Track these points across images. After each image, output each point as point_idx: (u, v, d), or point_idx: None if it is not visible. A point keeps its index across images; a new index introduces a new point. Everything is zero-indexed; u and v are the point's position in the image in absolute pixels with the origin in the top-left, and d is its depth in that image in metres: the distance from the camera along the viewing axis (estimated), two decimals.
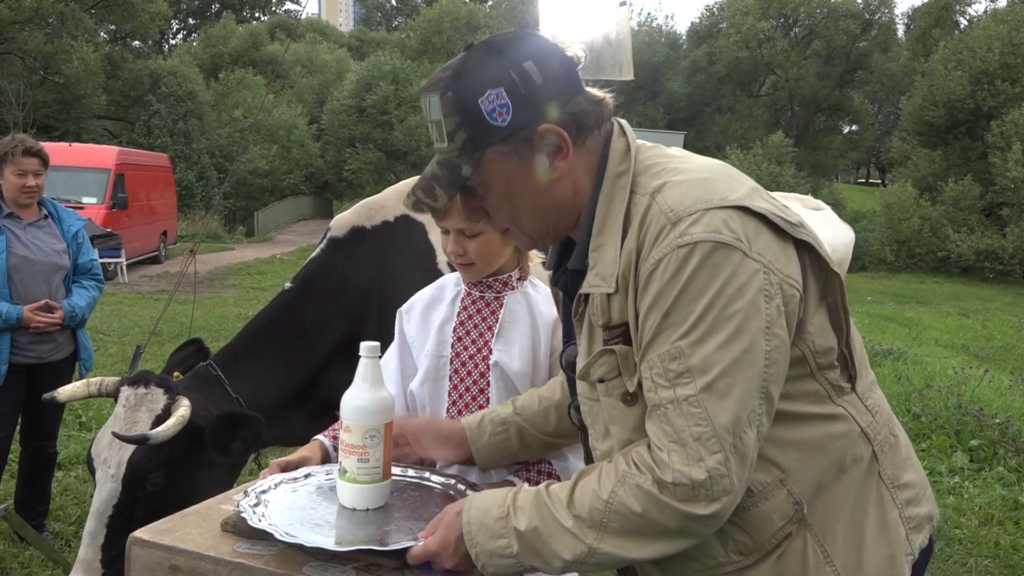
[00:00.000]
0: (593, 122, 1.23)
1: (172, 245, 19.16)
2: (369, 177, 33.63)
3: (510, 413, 1.59)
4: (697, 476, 1.08)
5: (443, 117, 1.19)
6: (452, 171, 1.21)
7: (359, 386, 1.41)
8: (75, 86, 27.51)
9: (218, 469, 2.34)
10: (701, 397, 1.09)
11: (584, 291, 1.23)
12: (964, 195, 24.17)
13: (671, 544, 1.14)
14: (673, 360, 1.11)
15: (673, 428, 1.10)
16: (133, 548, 1.33)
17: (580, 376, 1.27)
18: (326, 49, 42.09)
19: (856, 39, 42.40)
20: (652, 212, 1.16)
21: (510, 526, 1.19)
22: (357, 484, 1.40)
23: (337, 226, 2.60)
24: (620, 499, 1.13)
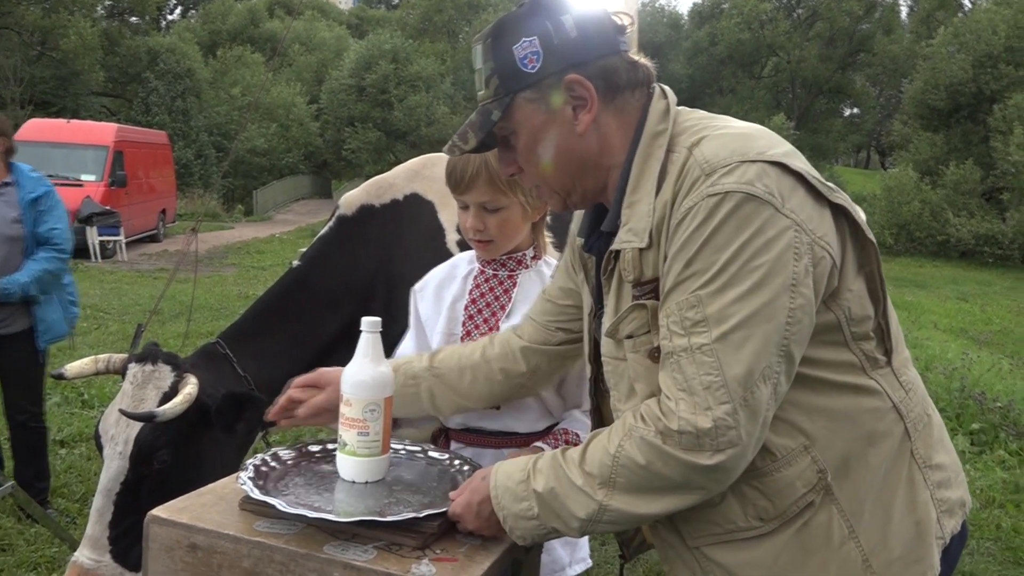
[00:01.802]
0: (625, 82, 1.24)
1: (171, 223, 19.10)
2: (368, 157, 33.50)
3: (424, 368, 1.59)
4: (702, 425, 1.08)
5: (483, 64, 1.25)
6: (484, 116, 1.26)
7: (360, 360, 1.42)
8: (72, 62, 27.28)
9: (226, 447, 2.34)
10: (715, 347, 1.09)
11: (615, 247, 1.23)
12: (965, 179, 24.09)
13: (678, 499, 1.14)
14: (691, 308, 1.11)
15: (684, 376, 1.11)
16: (152, 526, 1.32)
17: (608, 333, 1.27)
18: (325, 27, 41.74)
19: (859, 21, 42.09)
20: (688, 164, 1.17)
21: (530, 488, 1.22)
22: (357, 457, 1.42)
23: (346, 204, 2.58)
24: (626, 452, 1.14)
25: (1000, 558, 3.71)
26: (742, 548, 1.20)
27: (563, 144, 1.25)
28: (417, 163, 2.60)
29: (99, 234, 13.97)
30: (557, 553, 1.73)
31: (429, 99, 33.66)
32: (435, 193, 2.49)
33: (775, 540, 1.19)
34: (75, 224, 13.85)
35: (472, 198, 1.66)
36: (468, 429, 1.73)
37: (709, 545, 1.23)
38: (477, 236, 1.70)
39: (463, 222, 1.72)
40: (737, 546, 1.21)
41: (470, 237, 1.72)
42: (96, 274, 12.09)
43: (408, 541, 1.27)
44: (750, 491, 1.18)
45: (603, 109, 1.24)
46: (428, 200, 2.50)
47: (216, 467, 2.27)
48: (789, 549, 1.18)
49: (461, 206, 1.71)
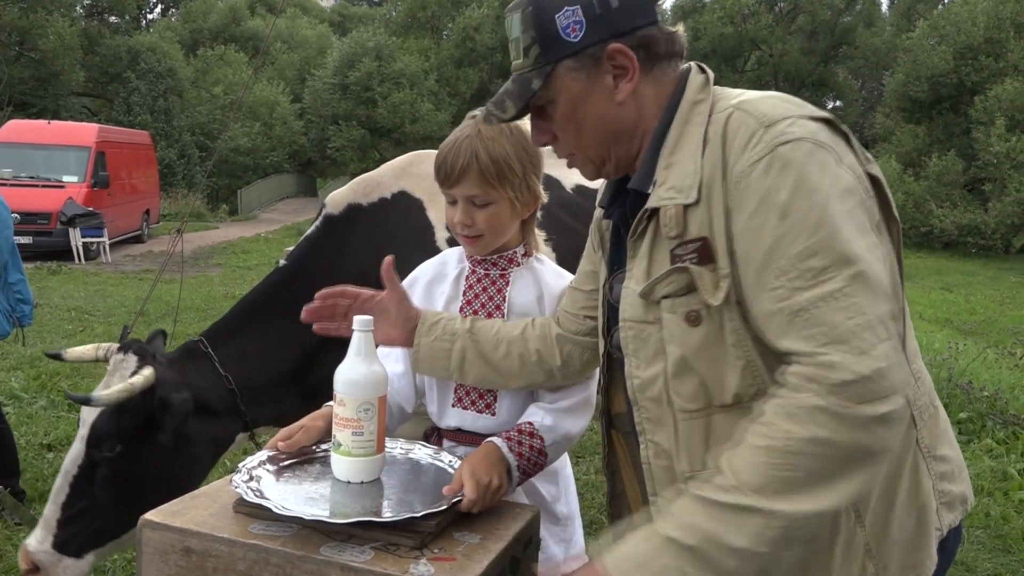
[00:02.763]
0: (664, 52, 1.25)
1: (155, 224, 18.95)
2: (353, 154, 33.37)
3: (465, 329, 1.57)
4: (866, 369, 1.01)
5: (522, 33, 1.24)
6: (523, 86, 1.25)
7: (353, 360, 1.41)
8: (52, 62, 27.00)
9: (191, 447, 2.34)
10: (852, 287, 1.04)
11: (653, 204, 1.20)
12: (947, 170, 24.29)
13: (853, 478, 1.02)
14: (811, 257, 1.05)
15: (828, 326, 1.03)
16: (144, 531, 1.31)
17: (642, 294, 1.21)
18: (307, 24, 41.51)
19: (840, 14, 42.30)
20: (735, 119, 1.16)
21: (660, 538, 1.08)
22: (351, 457, 1.41)
23: (332, 203, 2.56)
24: (794, 434, 1.02)
25: (990, 546, 3.74)
26: None
27: (602, 113, 1.25)
28: (404, 160, 2.59)
29: (82, 236, 13.85)
30: (551, 550, 1.72)
31: (413, 96, 33.54)
32: (423, 190, 2.48)
33: None
34: (58, 226, 13.75)
35: (461, 191, 1.63)
36: (460, 430, 1.71)
37: None
38: (465, 231, 1.67)
39: (450, 217, 1.69)
40: None
41: (458, 232, 1.69)
42: (80, 276, 11.98)
43: (405, 541, 1.26)
44: None
45: (643, 78, 1.24)
46: (416, 198, 2.48)
47: (178, 466, 2.29)
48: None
49: (449, 200, 1.68)
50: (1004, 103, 23.04)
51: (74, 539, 2.22)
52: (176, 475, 2.28)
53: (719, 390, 1.17)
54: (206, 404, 2.36)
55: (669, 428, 1.23)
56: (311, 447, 1.56)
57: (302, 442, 1.54)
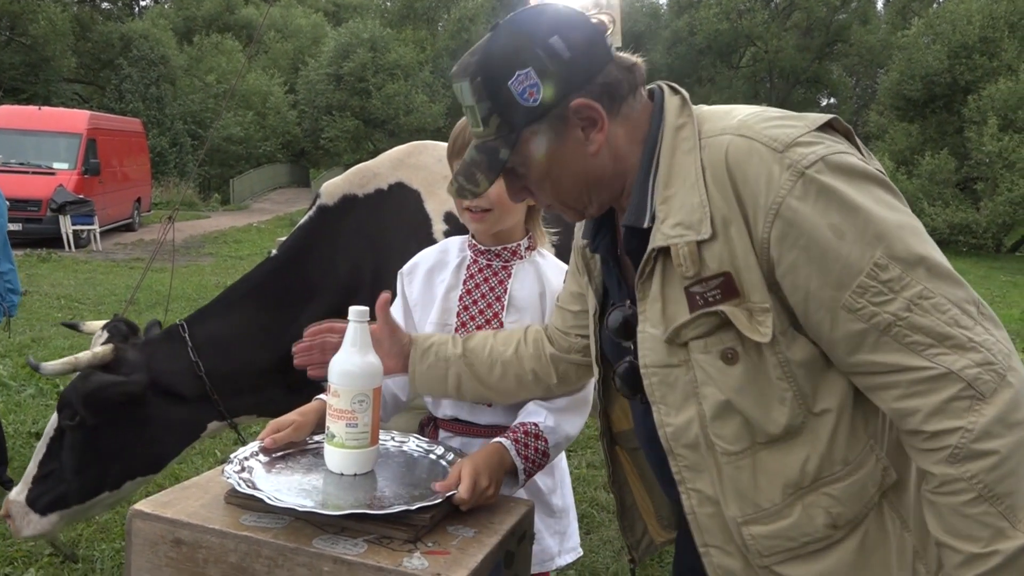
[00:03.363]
0: (627, 89, 1.20)
1: (146, 212, 18.85)
2: (346, 145, 33.23)
3: (458, 355, 1.56)
4: (976, 358, 1.01)
5: (476, 103, 1.18)
6: (491, 155, 1.20)
7: (348, 351, 1.40)
8: (43, 47, 26.76)
9: (152, 428, 2.42)
10: (931, 286, 1.04)
11: (660, 244, 1.15)
12: (940, 169, 24.33)
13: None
14: (882, 271, 1.04)
15: (923, 334, 1.03)
16: (134, 521, 1.29)
17: (668, 339, 1.17)
18: (302, 13, 41.26)
19: (836, 11, 42.32)
20: (739, 147, 1.11)
21: None
22: (345, 449, 1.40)
23: (327, 193, 2.54)
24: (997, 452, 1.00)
25: None
26: (813, 560, 1.16)
27: (577, 166, 1.20)
28: (402, 151, 2.56)
29: (72, 223, 13.75)
30: (546, 543, 1.72)
31: (408, 87, 33.41)
32: (421, 182, 2.46)
33: (844, 547, 1.16)
34: (48, 213, 13.65)
35: None
36: (457, 420, 1.71)
37: (780, 563, 1.18)
38: (475, 203, 1.64)
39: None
40: (808, 559, 1.16)
41: (465, 207, 1.67)
42: (70, 264, 11.90)
43: (399, 534, 1.25)
44: (825, 499, 1.14)
45: (611, 122, 1.19)
46: (414, 189, 2.46)
47: (134, 442, 2.41)
48: (852, 553, 1.16)
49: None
50: (997, 102, 23.08)
51: (42, 497, 2.40)
52: (136, 453, 2.43)
53: (765, 424, 1.14)
54: (174, 389, 2.43)
55: (712, 473, 1.19)
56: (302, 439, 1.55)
57: (292, 438, 1.53)
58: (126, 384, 2.34)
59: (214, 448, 4.50)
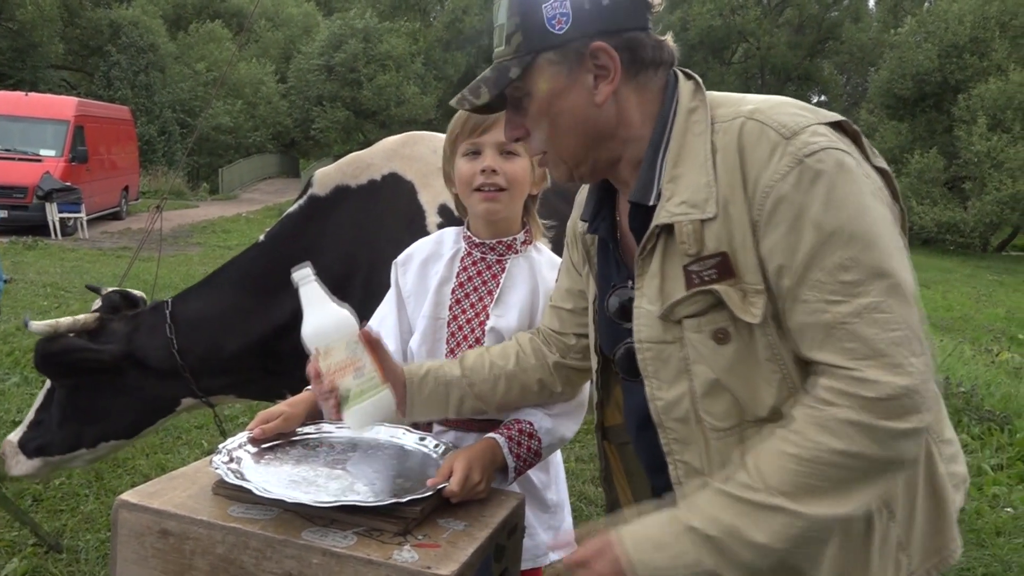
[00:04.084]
0: (650, 58, 1.21)
1: (134, 201, 18.71)
2: (337, 136, 33.10)
3: (457, 377, 1.52)
4: (902, 384, 1.03)
5: (507, 19, 1.20)
6: (501, 73, 1.21)
7: (314, 310, 1.33)
8: (30, 33, 26.45)
9: (125, 396, 2.55)
10: (886, 301, 1.05)
11: (664, 221, 1.16)
12: (929, 168, 24.48)
13: (875, 486, 1.07)
14: (846, 271, 1.06)
15: (863, 342, 1.04)
16: (120, 512, 1.28)
17: (662, 316, 1.18)
18: (293, 2, 40.99)
19: (828, 8, 42.48)
20: (751, 130, 1.13)
21: (681, 527, 1.11)
22: (364, 399, 1.33)
23: (319, 183, 2.51)
24: (825, 445, 1.05)
25: (963, 540, 3.77)
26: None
27: (579, 112, 1.20)
28: (396, 141, 2.54)
29: (59, 211, 13.63)
30: (540, 538, 1.71)
31: (399, 79, 33.29)
32: (415, 173, 2.43)
33: (833, 540, 1.16)
34: (34, 201, 13.53)
35: (491, 137, 1.59)
36: None
37: None
38: (490, 179, 1.60)
39: (471, 170, 1.62)
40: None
41: (477, 184, 1.62)
42: (56, 252, 11.80)
43: (389, 527, 1.24)
44: None
45: (625, 82, 1.20)
46: (408, 180, 2.44)
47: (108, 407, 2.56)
48: (838, 535, 1.16)
49: (472, 153, 1.62)
50: (987, 102, 23.23)
51: (31, 442, 2.58)
52: (111, 418, 2.58)
53: (753, 405, 1.15)
54: (149, 362, 2.53)
55: (699, 447, 1.20)
56: (291, 430, 1.54)
57: (280, 429, 1.51)
58: (90, 351, 2.47)
59: (200, 439, 4.47)
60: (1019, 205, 21.93)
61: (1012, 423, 5.19)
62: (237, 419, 4.74)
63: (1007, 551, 3.66)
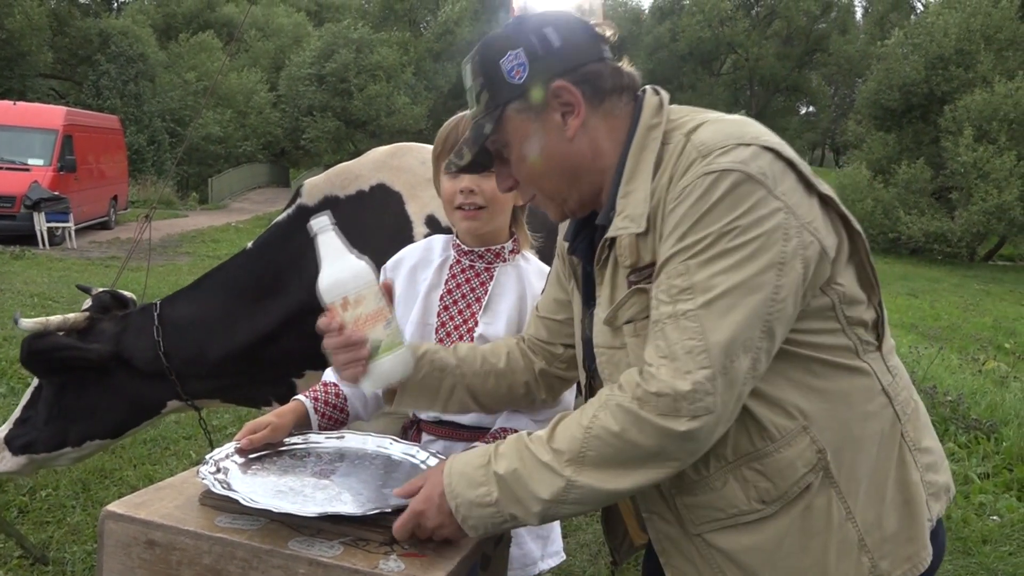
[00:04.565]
0: (611, 86, 1.27)
1: (123, 211, 18.64)
2: (327, 146, 33.10)
3: (453, 365, 1.52)
4: (681, 388, 1.08)
5: (473, 81, 1.29)
6: (477, 131, 1.29)
7: (334, 259, 1.29)
8: (18, 42, 26.37)
9: (110, 396, 2.56)
10: (699, 312, 1.10)
11: (611, 234, 1.23)
12: (916, 178, 24.65)
13: (648, 472, 1.13)
14: (679, 277, 1.12)
15: (666, 342, 1.11)
16: (107, 523, 1.27)
17: (606, 321, 1.26)
18: (284, 12, 41.05)
19: (815, 20, 42.87)
20: (686, 150, 1.18)
21: (490, 472, 1.19)
22: (392, 352, 1.32)
23: (308, 194, 2.53)
24: (600, 422, 1.13)
25: (950, 548, 3.80)
26: (745, 532, 1.21)
27: (554, 150, 1.27)
28: (385, 152, 2.55)
29: (47, 220, 13.56)
30: (528, 547, 1.72)
31: (390, 89, 33.34)
32: (403, 184, 2.45)
33: (778, 523, 1.19)
34: (22, 210, 13.46)
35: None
36: (441, 422, 1.70)
37: (712, 532, 1.23)
38: (469, 199, 1.64)
39: (451, 189, 1.66)
40: (740, 530, 1.21)
41: (457, 204, 1.66)
42: (44, 262, 11.74)
43: (375, 536, 1.24)
44: (751, 473, 1.19)
45: (591, 113, 1.26)
46: (396, 191, 2.45)
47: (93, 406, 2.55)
48: (792, 532, 1.19)
49: (452, 173, 1.65)
50: (973, 113, 23.42)
51: (17, 438, 2.57)
52: (96, 417, 2.57)
53: None
54: (135, 363, 2.54)
55: None
56: (278, 441, 1.54)
57: (267, 439, 1.51)
58: (77, 349, 2.47)
59: (189, 450, 4.45)
60: (1005, 215, 22.10)
61: (998, 431, 5.22)
62: (226, 429, 4.73)
63: (993, 559, 3.68)
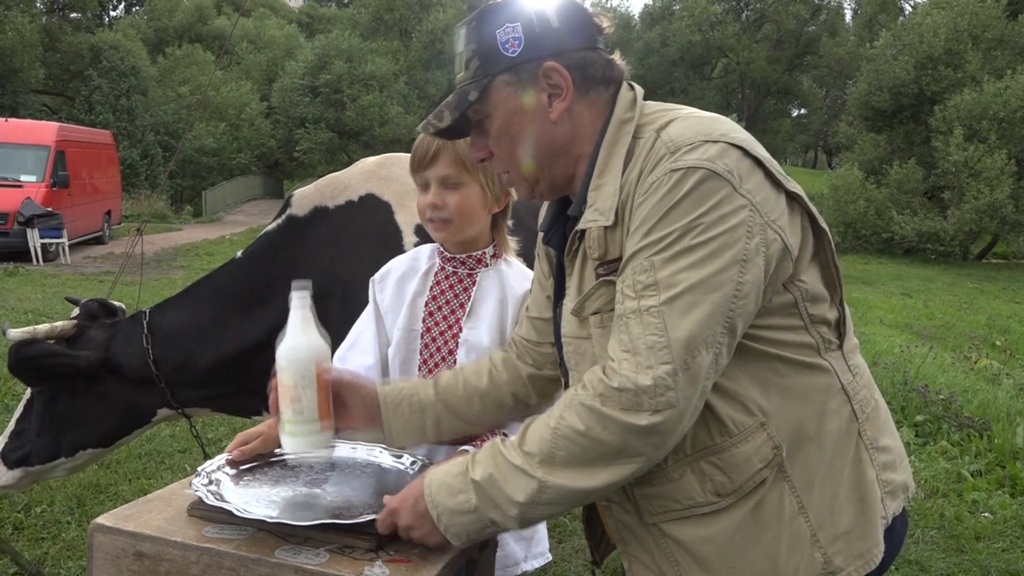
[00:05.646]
0: (600, 75, 1.28)
1: (116, 225, 18.63)
2: (321, 157, 33.13)
3: (432, 398, 1.53)
4: (642, 382, 1.10)
5: (464, 46, 1.28)
6: (461, 96, 1.28)
7: (292, 331, 1.35)
8: (10, 59, 26.41)
9: (101, 404, 2.55)
10: (662, 309, 1.11)
11: (580, 227, 1.25)
12: (908, 178, 24.74)
13: (617, 469, 1.14)
14: (644, 272, 1.14)
15: (629, 337, 1.13)
16: (96, 535, 1.29)
17: (574, 312, 1.27)
18: (275, 25, 41.15)
19: (805, 23, 43.07)
20: (656, 146, 1.20)
21: (468, 479, 1.21)
22: (296, 432, 1.36)
23: (297, 204, 2.54)
24: (566, 422, 1.15)
25: (943, 546, 3.82)
26: (699, 524, 1.22)
27: (536, 129, 1.27)
28: (373, 163, 2.57)
29: (41, 237, 13.55)
30: (511, 548, 1.73)
31: (382, 99, 33.41)
32: (392, 194, 2.46)
33: (731, 516, 1.21)
34: (15, 227, 13.45)
35: (435, 172, 1.66)
36: None
37: (667, 522, 1.24)
38: (435, 214, 1.68)
39: (421, 203, 1.70)
40: (695, 522, 1.23)
41: (427, 217, 1.71)
42: (38, 278, 11.73)
43: (361, 543, 1.25)
44: (708, 467, 1.20)
45: (577, 99, 1.27)
46: (385, 201, 2.47)
47: (84, 415, 2.54)
48: (744, 525, 1.21)
49: (422, 186, 1.70)
50: (962, 113, 23.53)
51: (12, 452, 2.57)
52: (88, 426, 2.57)
53: None
54: (124, 371, 2.53)
55: None
56: (269, 452, 1.56)
57: (259, 450, 1.53)
58: (65, 356, 2.46)
59: (183, 463, 4.45)
60: (997, 213, 22.19)
61: (990, 429, 5.25)
62: (220, 442, 4.73)
63: (986, 556, 3.70)
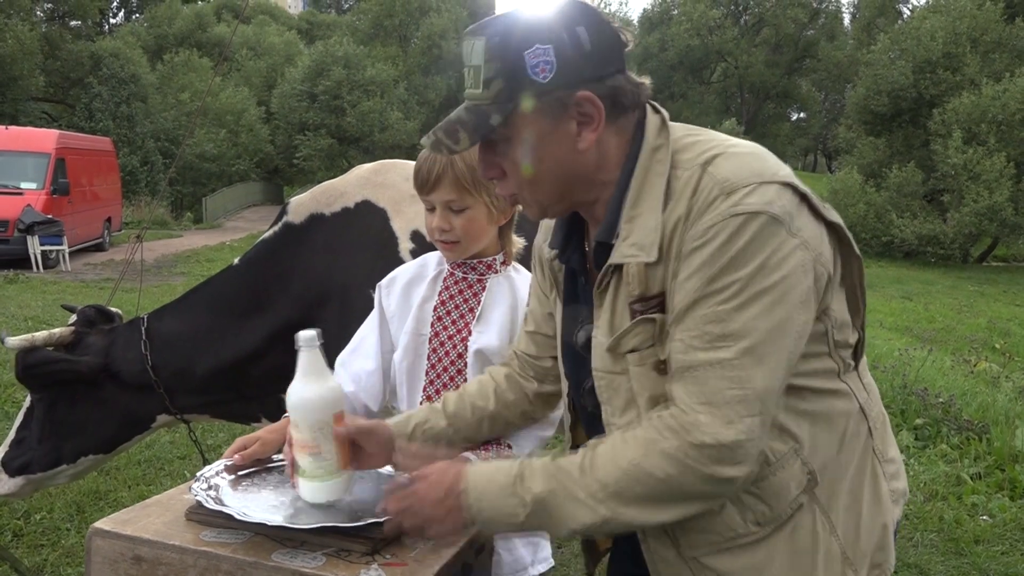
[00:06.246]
0: (630, 102, 1.22)
1: (117, 232, 18.65)
2: (320, 163, 33.16)
3: (444, 427, 1.52)
4: (727, 438, 1.09)
5: (484, 63, 1.17)
6: (480, 118, 1.18)
7: (301, 380, 1.32)
8: (10, 67, 26.42)
9: (101, 409, 2.56)
10: (741, 361, 1.09)
11: (616, 261, 1.20)
12: (907, 181, 24.79)
13: (688, 507, 1.14)
14: (713, 323, 1.11)
15: (706, 390, 1.10)
16: (94, 539, 1.30)
17: (609, 348, 1.23)
18: (275, 31, 41.24)
19: (804, 27, 43.16)
20: (704, 183, 1.15)
21: (525, 487, 1.16)
22: (315, 481, 1.33)
23: (294, 212, 2.55)
24: (644, 468, 1.12)
25: (943, 549, 3.82)
26: (739, 554, 1.22)
27: (561, 158, 1.21)
28: (369, 169, 2.58)
29: (41, 244, 13.56)
30: (519, 552, 1.74)
31: (382, 104, 33.46)
32: (387, 200, 2.48)
33: (770, 544, 1.21)
34: (15, 234, 13.47)
35: (437, 197, 1.66)
36: None
37: (707, 555, 1.24)
38: (443, 236, 1.69)
39: (429, 223, 1.71)
40: (735, 553, 1.22)
41: (435, 238, 1.72)
42: (38, 285, 11.73)
43: (357, 547, 1.26)
44: (748, 497, 1.20)
45: (607, 128, 1.20)
46: (380, 208, 2.48)
47: (84, 421, 2.56)
48: (783, 551, 1.21)
49: (428, 207, 1.71)
50: (961, 116, 23.57)
51: (13, 460, 2.58)
52: (88, 432, 2.58)
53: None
54: (123, 377, 2.55)
55: None
56: (268, 456, 1.56)
57: (257, 455, 1.54)
58: (65, 363, 2.48)
59: (183, 470, 4.46)
60: (996, 216, 22.22)
61: (990, 432, 5.25)
62: (220, 448, 4.73)
63: (985, 559, 3.70)
